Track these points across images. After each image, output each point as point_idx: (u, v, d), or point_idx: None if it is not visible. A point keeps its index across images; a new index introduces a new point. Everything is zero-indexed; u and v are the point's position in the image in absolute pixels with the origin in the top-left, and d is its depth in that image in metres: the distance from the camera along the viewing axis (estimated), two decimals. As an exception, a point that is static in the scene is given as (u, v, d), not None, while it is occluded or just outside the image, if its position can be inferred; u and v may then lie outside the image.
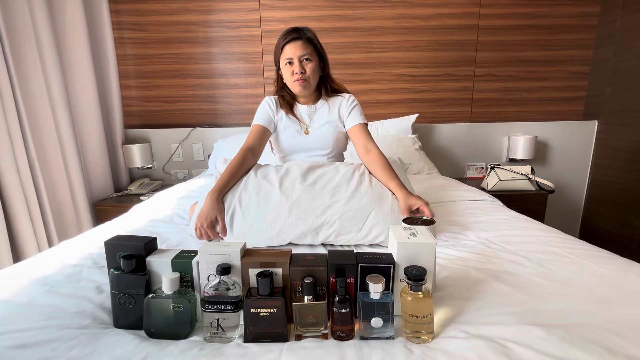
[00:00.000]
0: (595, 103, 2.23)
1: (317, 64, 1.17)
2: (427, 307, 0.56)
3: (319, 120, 1.24)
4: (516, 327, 0.56)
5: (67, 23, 1.84)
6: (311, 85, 1.19)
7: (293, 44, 1.13)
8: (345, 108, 1.23)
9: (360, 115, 1.22)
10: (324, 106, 1.25)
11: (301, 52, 1.13)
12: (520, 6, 2.15)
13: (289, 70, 1.15)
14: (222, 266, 0.58)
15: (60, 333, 0.56)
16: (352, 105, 1.23)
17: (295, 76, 1.15)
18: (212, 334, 0.58)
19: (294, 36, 1.14)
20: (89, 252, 0.90)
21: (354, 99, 1.25)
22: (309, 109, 1.24)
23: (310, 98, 1.25)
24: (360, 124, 1.20)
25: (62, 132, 1.78)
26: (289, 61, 1.15)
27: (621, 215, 2.08)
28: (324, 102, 1.25)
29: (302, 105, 1.25)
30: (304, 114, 1.24)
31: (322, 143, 1.23)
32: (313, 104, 1.25)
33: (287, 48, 1.14)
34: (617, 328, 0.55)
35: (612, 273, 0.73)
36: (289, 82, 1.19)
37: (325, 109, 1.24)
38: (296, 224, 0.93)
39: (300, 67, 1.13)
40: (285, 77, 1.19)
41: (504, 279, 0.72)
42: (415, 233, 0.63)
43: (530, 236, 0.96)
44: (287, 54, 1.14)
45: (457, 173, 2.33)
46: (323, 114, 1.24)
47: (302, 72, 1.14)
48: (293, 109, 1.24)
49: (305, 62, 1.15)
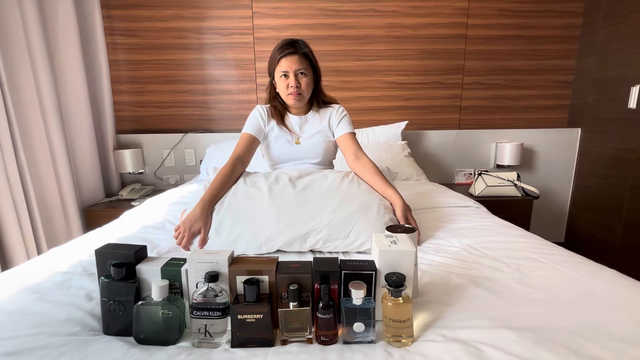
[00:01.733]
0: (579, 111, 2.30)
1: (311, 78, 1.20)
2: (406, 312, 0.59)
3: (310, 130, 1.27)
4: (490, 330, 0.59)
5: (58, 28, 1.84)
6: (305, 98, 1.22)
7: (290, 57, 1.16)
8: (335, 118, 1.27)
9: (349, 125, 1.26)
10: (314, 117, 1.28)
11: (297, 66, 1.16)
12: (506, 17, 2.22)
13: (284, 82, 1.18)
14: (210, 274, 0.60)
15: (49, 340, 0.57)
16: (341, 115, 1.27)
17: (290, 89, 1.17)
18: (200, 339, 0.60)
19: (291, 50, 1.16)
20: (79, 259, 0.91)
21: (343, 109, 1.29)
22: (300, 120, 1.27)
23: (302, 109, 1.28)
24: (350, 132, 1.24)
25: (52, 137, 1.77)
26: (285, 74, 1.17)
27: (604, 221, 2.14)
28: (314, 112, 1.28)
29: (293, 116, 1.28)
30: (294, 125, 1.27)
31: (312, 152, 1.26)
32: (304, 115, 1.28)
33: (283, 61, 1.16)
34: (583, 330, 0.58)
35: (584, 277, 0.76)
36: (283, 94, 1.22)
37: (316, 119, 1.28)
38: (285, 231, 0.95)
39: (296, 82, 1.16)
40: (279, 88, 1.22)
41: (483, 284, 0.76)
42: (396, 241, 0.66)
43: (511, 242, 1.00)
44: (282, 67, 1.16)
45: (446, 179, 2.38)
46: (314, 124, 1.27)
47: (298, 86, 1.16)
48: (284, 119, 1.26)
49: (301, 76, 1.17)
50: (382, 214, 0.99)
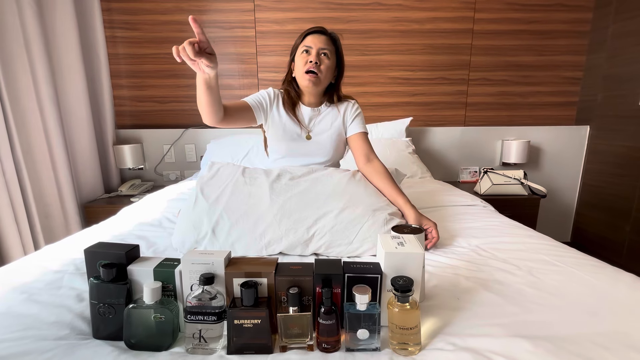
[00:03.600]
0: (588, 108, 2.25)
1: (332, 64, 1.14)
2: (414, 318, 0.55)
3: (322, 126, 1.20)
4: (503, 339, 0.56)
5: (57, 21, 1.81)
6: (320, 83, 1.13)
7: (317, 35, 1.11)
8: (350, 113, 1.21)
9: (362, 124, 1.21)
10: (328, 112, 1.21)
11: (322, 45, 1.11)
12: (514, 11, 2.16)
13: (304, 58, 1.10)
14: (205, 276, 0.56)
15: (35, 345, 0.54)
16: (356, 112, 1.21)
17: (308, 65, 1.09)
18: (195, 345, 0.56)
19: (320, 30, 1.13)
20: (72, 257, 0.88)
21: (358, 106, 1.24)
22: (312, 112, 1.20)
23: (315, 100, 1.20)
24: (363, 132, 1.19)
25: (50, 132, 1.74)
26: (307, 49, 1.11)
27: (612, 220, 2.10)
28: (328, 107, 1.21)
29: (305, 107, 1.20)
30: (305, 116, 1.20)
31: (322, 150, 1.20)
32: (317, 107, 1.21)
33: (309, 37, 1.11)
34: (603, 340, 0.54)
35: (601, 283, 0.72)
36: (299, 72, 1.12)
37: (330, 115, 1.21)
38: (286, 235, 0.90)
39: (316, 58, 1.09)
40: (297, 66, 1.13)
41: (494, 289, 0.72)
42: (403, 242, 0.62)
43: (521, 243, 0.96)
44: (307, 42, 1.11)
45: (450, 176, 2.33)
46: (327, 120, 1.20)
47: (317, 62, 1.09)
48: (295, 108, 1.19)
49: (323, 56, 1.11)
50: (389, 220, 0.93)
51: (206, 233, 0.91)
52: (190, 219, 0.94)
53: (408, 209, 1.00)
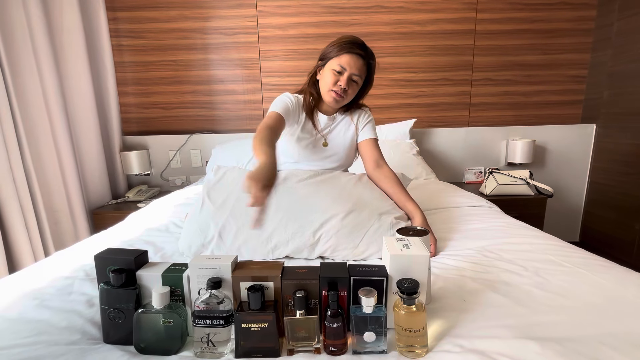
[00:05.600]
0: (593, 106, 2.23)
1: (359, 86, 1.14)
2: (420, 320, 0.55)
3: (336, 133, 1.21)
4: (511, 340, 0.55)
5: (64, 30, 1.84)
6: (342, 103, 1.15)
7: (355, 58, 1.07)
8: (362, 121, 1.22)
9: (373, 130, 1.22)
10: (343, 120, 1.22)
11: (356, 71, 1.07)
12: (516, 11, 2.16)
13: (334, 77, 1.08)
14: (212, 280, 0.57)
15: (47, 350, 0.55)
16: (368, 119, 1.23)
17: (336, 87, 1.09)
18: (203, 349, 0.57)
19: (361, 53, 1.07)
20: (82, 263, 0.89)
21: (370, 114, 1.25)
22: (328, 120, 1.21)
23: (332, 109, 1.21)
24: (373, 138, 1.20)
25: (58, 139, 1.78)
26: (340, 71, 1.08)
27: (621, 219, 2.07)
28: (342, 115, 1.22)
29: (321, 114, 1.21)
30: (321, 123, 1.20)
31: (335, 157, 1.21)
32: (332, 114, 1.22)
33: (346, 56, 1.06)
34: (613, 342, 0.54)
35: (610, 283, 0.72)
36: (324, 88, 1.12)
37: (344, 123, 1.22)
38: (292, 238, 0.91)
39: (346, 84, 1.08)
40: (325, 79, 1.12)
41: (500, 290, 0.72)
42: (409, 245, 0.62)
43: (528, 244, 0.95)
44: (342, 61, 1.07)
45: (455, 177, 2.32)
46: (342, 127, 1.22)
47: (345, 89, 1.09)
48: (313, 113, 1.19)
49: (352, 82, 1.10)
50: (395, 224, 0.93)
51: (213, 237, 0.92)
52: (197, 222, 0.95)
53: (418, 216, 1.00)
